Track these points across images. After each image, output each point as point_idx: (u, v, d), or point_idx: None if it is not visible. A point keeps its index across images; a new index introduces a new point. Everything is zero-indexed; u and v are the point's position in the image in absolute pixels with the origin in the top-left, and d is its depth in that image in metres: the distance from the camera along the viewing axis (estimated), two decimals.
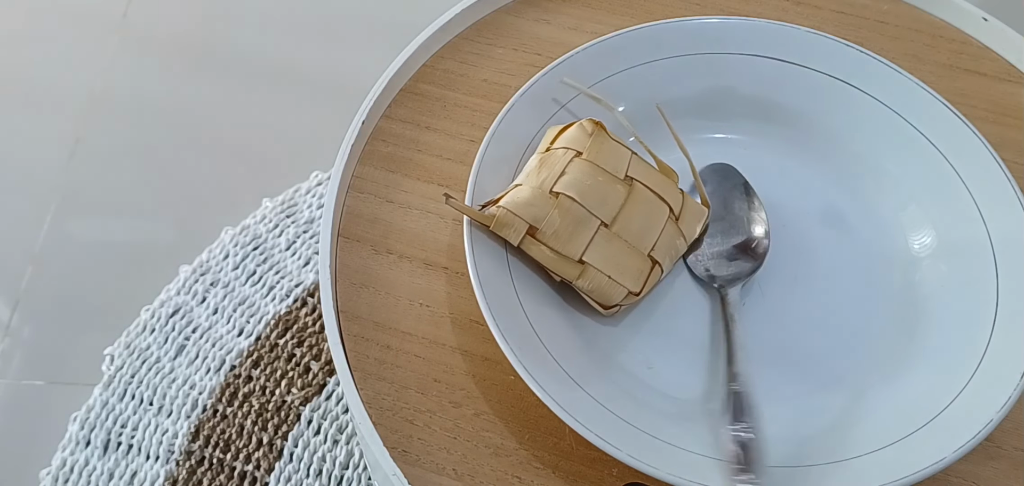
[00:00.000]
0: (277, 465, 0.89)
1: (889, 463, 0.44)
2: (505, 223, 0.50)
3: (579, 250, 0.49)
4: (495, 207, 0.50)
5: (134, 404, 0.92)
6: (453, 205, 0.50)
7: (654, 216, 0.51)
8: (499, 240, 0.51)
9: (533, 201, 0.50)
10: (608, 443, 0.44)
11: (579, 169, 0.51)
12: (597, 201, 0.50)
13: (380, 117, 0.61)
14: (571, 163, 0.51)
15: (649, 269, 0.50)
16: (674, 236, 0.51)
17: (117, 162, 1.13)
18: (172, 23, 1.28)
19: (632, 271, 0.50)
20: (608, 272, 0.49)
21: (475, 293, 0.48)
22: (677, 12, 0.66)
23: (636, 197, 0.51)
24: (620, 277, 0.49)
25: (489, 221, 0.50)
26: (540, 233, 0.49)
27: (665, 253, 0.51)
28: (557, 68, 0.58)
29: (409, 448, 0.48)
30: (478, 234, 0.50)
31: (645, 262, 0.50)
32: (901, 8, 0.67)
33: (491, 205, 0.50)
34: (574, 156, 0.51)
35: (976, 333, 0.48)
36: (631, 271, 0.50)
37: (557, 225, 0.49)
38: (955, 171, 0.54)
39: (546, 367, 0.47)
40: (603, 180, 0.51)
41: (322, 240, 0.54)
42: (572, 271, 0.49)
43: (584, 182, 0.50)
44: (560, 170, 0.51)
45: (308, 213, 1.07)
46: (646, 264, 0.50)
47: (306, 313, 0.98)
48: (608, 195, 0.50)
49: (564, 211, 0.50)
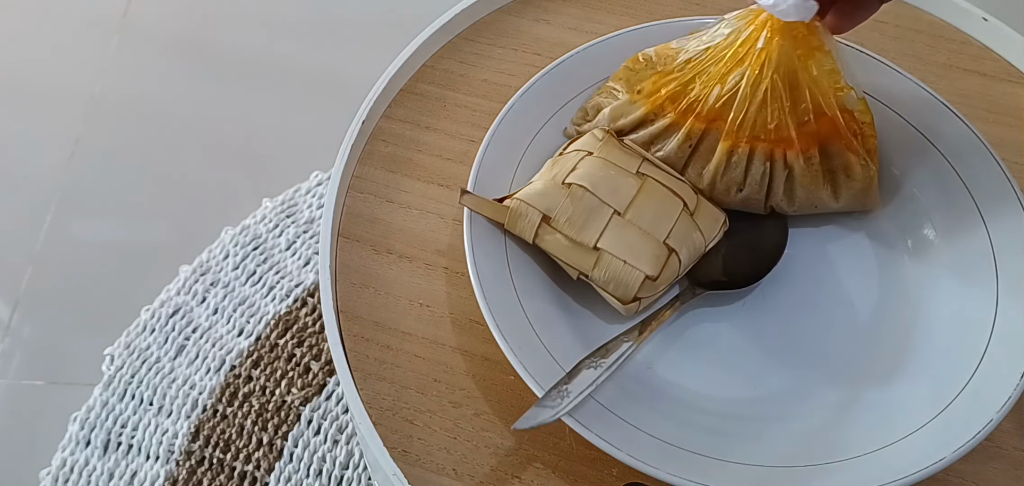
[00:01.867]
0: (277, 465, 0.89)
1: (889, 463, 0.44)
2: (519, 214, 0.50)
3: (594, 237, 0.49)
4: (509, 200, 0.50)
5: (134, 404, 0.92)
6: (466, 202, 0.50)
7: (667, 207, 0.51)
8: (500, 240, 0.51)
9: (546, 192, 0.50)
10: (608, 443, 0.44)
11: (591, 164, 0.51)
12: (609, 191, 0.50)
13: (380, 117, 0.61)
14: (583, 160, 0.51)
15: (666, 256, 0.49)
16: (691, 228, 0.51)
17: (117, 162, 1.13)
18: (172, 23, 1.28)
19: (648, 255, 0.49)
20: (623, 257, 0.49)
21: (475, 293, 0.48)
22: (677, 12, 0.66)
23: (649, 189, 0.51)
24: (636, 261, 0.49)
25: (503, 215, 0.50)
26: (554, 221, 0.49)
27: (682, 243, 0.50)
28: (557, 68, 0.58)
29: (409, 448, 0.48)
30: (478, 234, 0.50)
31: (661, 248, 0.49)
32: (901, 8, 0.67)
33: (504, 200, 0.51)
34: (586, 155, 0.52)
35: (976, 333, 0.48)
36: (647, 255, 0.49)
37: (570, 212, 0.49)
38: (955, 171, 0.54)
39: (546, 367, 0.47)
40: (615, 173, 0.51)
41: (322, 240, 0.54)
42: (587, 260, 0.49)
43: (596, 173, 0.51)
44: (572, 166, 0.51)
45: (308, 213, 1.07)
46: (662, 251, 0.49)
47: (306, 313, 0.98)
48: (620, 186, 0.50)
49: (577, 200, 0.50)
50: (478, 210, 0.51)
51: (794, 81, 0.51)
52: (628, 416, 0.46)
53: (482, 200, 0.51)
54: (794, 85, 0.51)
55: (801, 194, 0.52)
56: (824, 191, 0.53)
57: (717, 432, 0.46)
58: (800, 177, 0.52)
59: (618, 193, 0.50)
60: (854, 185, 0.53)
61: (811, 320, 0.52)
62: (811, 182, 0.52)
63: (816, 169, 0.52)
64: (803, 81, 0.51)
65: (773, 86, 0.50)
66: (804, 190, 0.52)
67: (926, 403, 0.46)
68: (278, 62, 1.24)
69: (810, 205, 0.53)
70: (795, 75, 0.51)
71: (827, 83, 0.51)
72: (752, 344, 0.51)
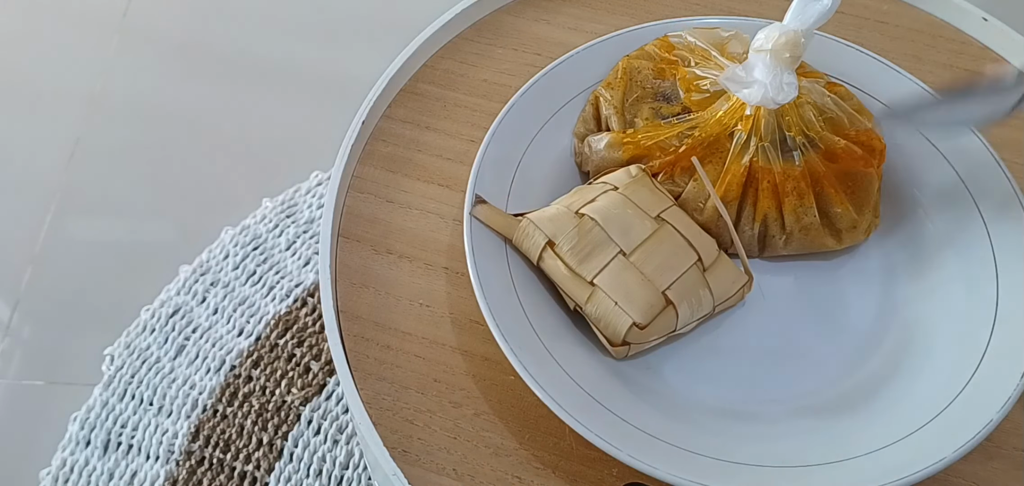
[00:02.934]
0: (277, 465, 0.89)
1: (889, 463, 0.44)
2: (526, 233, 0.50)
3: (592, 272, 0.48)
4: (520, 218, 0.50)
5: (134, 404, 0.92)
6: (479, 214, 0.50)
7: (678, 257, 0.49)
8: (499, 241, 0.51)
9: (556, 218, 0.50)
10: (608, 443, 0.44)
11: (610, 199, 0.50)
12: (621, 229, 0.49)
13: (380, 117, 0.61)
14: (605, 194, 0.51)
15: (661, 307, 0.48)
16: (698, 284, 0.49)
17: (117, 162, 1.13)
18: (172, 23, 1.28)
19: (641, 303, 0.48)
20: (615, 298, 0.48)
21: (475, 293, 0.48)
22: (677, 12, 0.66)
23: (662, 235, 0.50)
24: (627, 305, 0.47)
25: (511, 231, 0.50)
26: (558, 247, 0.49)
27: (683, 297, 0.48)
28: (557, 68, 0.58)
29: (409, 448, 0.48)
30: (478, 234, 0.50)
31: (657, 298, 0.48)
32: (901, 8, 0.67)
33: (518, 218, 0.50)
34: (610, 189, 0.51)
35: (976, 333, 0.48)
36: (640, 302, 0.48)
37: (575, 242, 0.49)
38: (955, 171, 0.54)
39: (546, 367, 0.47)
40: (632, 213, 0.50)
41: (322, 240, 0.54)
42: (582, 293, 0.48)
43: (611, 210, 0.50)
44: (591, 197, 0.51)
45: (308, 213, 1.07)
46: (659, 300, 0.48)
47: (306, 313, 0.98)
48: (633, 227, 0.49)
49: (585, 231, 0.49)
50: (489, 223, 0.51)
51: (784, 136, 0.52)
52: (628, 416, 0.46)
53: (494, 214, 0.51)
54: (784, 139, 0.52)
55: (798, 238, 0.52)
56: (826, 237, 0.53)
57: (717, 432, 0.46)
58: (793, 230, 0.52)
59: (628, 233, 0.49)
60: (850, 234, 0.53)
61: (811, 320, 0.52)
62: (808, 233, 0.52)
63: (813, 221, 0.52)
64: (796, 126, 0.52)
65: (761, 151, 0.51)
66: (799, 239, 0.52)
67: (926, 403, 0.46)
68: (278, 62, 1.24)
69: (807, 247, 0.53)
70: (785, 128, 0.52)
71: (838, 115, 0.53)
72: (752, 344, 0.51)
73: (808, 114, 0.52)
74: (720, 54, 0.55)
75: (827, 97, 0.53)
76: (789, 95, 0.50)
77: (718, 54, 0.55)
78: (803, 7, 0.50)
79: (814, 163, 0.52)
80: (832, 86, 0.55)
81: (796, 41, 0.50)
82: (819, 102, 0.53)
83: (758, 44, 0.51)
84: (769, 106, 0.51)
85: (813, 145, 0.52)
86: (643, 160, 0.53)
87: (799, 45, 0.50)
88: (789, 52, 0.50)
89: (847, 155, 0.52)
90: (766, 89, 0.50)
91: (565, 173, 0.56)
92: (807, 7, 0.50)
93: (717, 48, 0.55)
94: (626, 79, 0.56)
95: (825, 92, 0.53)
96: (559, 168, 0.56)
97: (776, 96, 0.50)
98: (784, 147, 0.52)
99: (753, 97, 0.50)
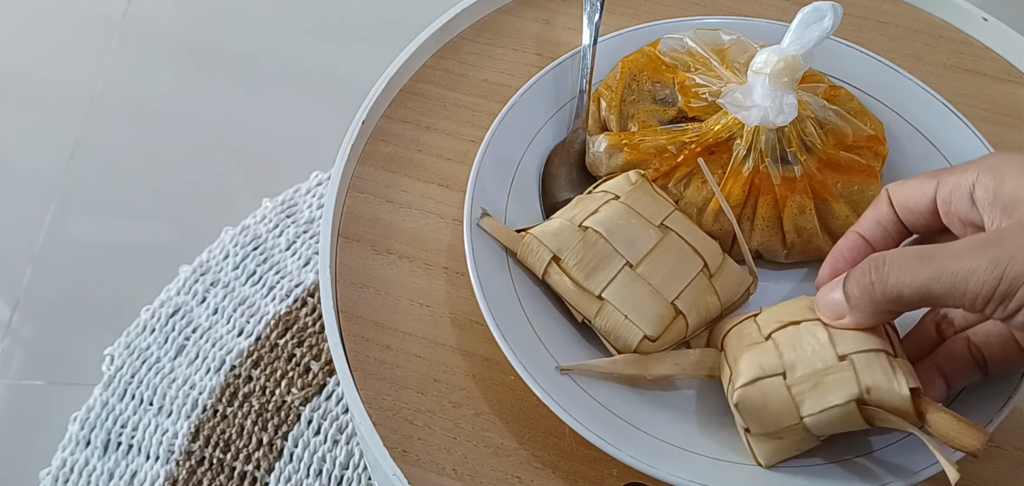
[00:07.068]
0: (277, 465, 0.89)
1: (889, 463, 0.44)
2: (531, 249, 0.49)
3: (600, 286, 0.48)
4: (524, 233, 0.50)
5: (134, 404, 0.92)
6: (485, 226, 0.50)
7: (684, 266, 0.49)
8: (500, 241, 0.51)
9: (560, 232, 0.49)
10: (608, 443, 0.44)
11: (613, 210, 0.50)
12: (625, 241, 0.49)
13: (380, 117, 0.61)
14: (607, 204, 0.50)
15: (672, 318, 0.47)
16: (705, 291, 0.48)
17: (117, 162, 1.13)
18: (172, 23, 1.29)
19: (651, 315, 0.47)
20: (625, 312, 0.47)
21: (475, 293, 0.48)
22: (677, 12, 0.66)
23: (667, 244, 0.49)
24: (637, 319, 0.47)
25: (516, 246, 0.50)
26: (563, 262, 0.48)
27: (692, 306, 0.48)
28: (557, 68, 0.58)
29: (409, 448, 0.48)
30: (478, 234, 0.50)
31: (668, 309, 0.47)
32: (901, 8, 0.67)
33: (522, 233, 0.50)
34: (611, 199, 0.50)
35: None
36: (650, 315, 0.47)
37: (581, 256, 0.48)
38: None
39: (546, 367, 0.47)
40: (636, 223, 0.49)
41: (322, 240, 0.54)
42: (591, 307, 0.48)
43: (615, 221, 0.49)
44: (594, 209, 0.50)
45: (308, 213, 1.07)
46: (669, 312, 0.47)
47: (306, 313, 0.98)
48: (638, 237, 0.49)
49: (589, 245, 0.48)
50: (494, 235, 0.51)
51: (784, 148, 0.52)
52: (628, 416, 0.46)
53: (499, 227, 0.50)
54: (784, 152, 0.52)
55: (799, 248, 0.52)
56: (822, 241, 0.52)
57: (717, 432, 0.46)
58: (790, 234, 0.52)
59: (634, 244, 0.49)
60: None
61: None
62: (807, 237, 0.52)
63: (812, 225, 0.52)
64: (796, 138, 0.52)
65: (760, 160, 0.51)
66: (800, 248, 0.52)
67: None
68: (278, 62, 1.24)
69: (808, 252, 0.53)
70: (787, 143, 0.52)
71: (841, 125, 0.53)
72: None
73: (809, 128, 0.52)
74: (720, 62, 0.55)
75: (829, 110, 0.53)
76: (789, 116, 0.50)
77: (718, 62, 0.55)
78: (802, 31, 0.50)
79: (814, 172, 0.52)
80: (833, 89, 0.55)
81: (795, 65, 0.50)
82: (820, 116, 0.52)
83: (757, 66, 0.50)
84: (768, 126, 0.51)
85: (813, 155, 0.52)
86: (641, 165, 0.53)
87: (798, 69, 0.50)
88: (788, 76, 0.50)
89: (849, 166, 0.52)
90: (766, 112, 0.50)
91: None
92: (806, 31, 0.49)
93: (717, 55, 0.55)
94: (625, 80, 0.56)
95: (826, 104, 0.53)
96: None
97: (776, 119, 0.50)
98: (784, 159, 0.52)
99: (752, 119, 0.50)
